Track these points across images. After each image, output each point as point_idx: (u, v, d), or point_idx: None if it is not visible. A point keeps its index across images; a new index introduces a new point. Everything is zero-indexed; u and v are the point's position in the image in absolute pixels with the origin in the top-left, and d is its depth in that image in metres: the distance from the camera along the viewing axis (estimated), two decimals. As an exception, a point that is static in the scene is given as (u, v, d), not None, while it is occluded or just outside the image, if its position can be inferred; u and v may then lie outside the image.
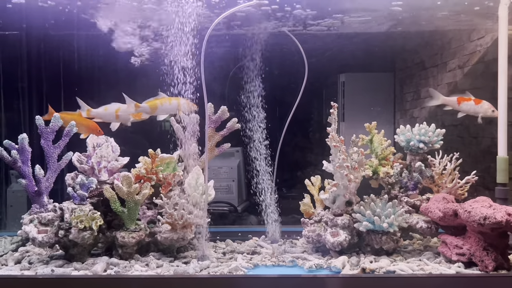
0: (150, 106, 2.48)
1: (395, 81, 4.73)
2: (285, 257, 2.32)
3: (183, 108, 2.44)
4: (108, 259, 2.25)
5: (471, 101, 2.59)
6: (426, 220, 2.40)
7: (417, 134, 2.56)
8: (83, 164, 2.45)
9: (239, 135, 2.73)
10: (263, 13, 2.78)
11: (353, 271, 2.14)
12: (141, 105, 2.51)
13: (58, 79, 3.59)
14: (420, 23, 3.19)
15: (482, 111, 2.66)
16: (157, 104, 2.48)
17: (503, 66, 2.47)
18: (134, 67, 2.89)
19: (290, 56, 3.14)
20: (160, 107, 2.47)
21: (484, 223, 2.03)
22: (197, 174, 2.44)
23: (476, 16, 2.96)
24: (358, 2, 2.72)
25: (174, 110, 2.50)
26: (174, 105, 2.47)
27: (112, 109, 2.59)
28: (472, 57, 3.47)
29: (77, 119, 2.54)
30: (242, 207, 4.07)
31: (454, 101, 2.81)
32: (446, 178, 2.53)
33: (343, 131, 4.54)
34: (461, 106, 2.77)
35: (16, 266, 2.28)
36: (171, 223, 2.32)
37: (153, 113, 2.52)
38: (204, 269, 2.17)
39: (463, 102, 2.76)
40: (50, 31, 3.17)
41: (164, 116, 2.54)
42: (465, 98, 2.77)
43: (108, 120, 2.62)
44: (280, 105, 3.14)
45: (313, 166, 4.37)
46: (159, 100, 2.49)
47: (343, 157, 2.33)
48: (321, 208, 2.55)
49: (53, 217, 2.30)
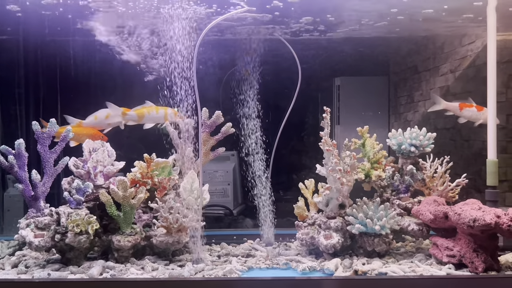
0: (138, 114, 2.52)
1: (390, 85, 4.78)
2: (279, 260, 2.35)
3: (170, 118, 2.48)
4: (104, 262, 2.28)
5: (473, 108, 2.61)
6: (418, 222, 2.43)
7: (409, 138, 2.60)
8: (79, 169, 2.47)
9: (233, 139, 2.76)
10: (261, 19, 2.82)
11: (345, 273, 2.17)
12: (128, 113, 2.54)
13: (54, 85, 3.62)
14: (413, 28, 3.24)
15: (483, 118, 2.67)
16: (144, 112, 2.52)
17: (492, 71, 2.51)
18: (128, 73, 2.93)
19: (286, 61, 3.17)
20: (147, 116, 2.51)
21: (473, 225, 2.07)
22: (192, 178, 2.47)
23: (467, 21, 3.01)
24: (354, 7, 2.75)
25: (160, 120, 2.54)
26: (161, 114, 2.52)
27: (101, 116, 2.60)
28: (463, 61, 3.52)
29: (79, 129, 2.55)
30: (238, 210, 4.10)
31: (456, 107, 2.83)
32: (437, 181, 2.57)
33: (338, 134, 4.57)
34: (463, 112, 2.79)
35: (13, 270, 2.29)
36: (166, 226, 2.35)
37: (140, 121, 2.55)
38: (199, 272, 2.20)
39: (465, 108, 2.78)
40: (47, 37, 3.20)
41: (151, 125, 2.58)
42: (467, 104, 2.79)
43: (101, 127, 2.64)
44: (275, 109, 3.17)
45: (307, 170, 4.40)
46: (147, 109, 2.53)
47: (335, 161, 2.37)
48: (314, 211, 2.59)
49: (50, 221, 2.33)
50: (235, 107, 2.86)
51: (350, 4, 2.71)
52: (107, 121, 2.58)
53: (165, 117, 2.52)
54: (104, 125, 2.60)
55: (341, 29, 3.16)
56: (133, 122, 2.56)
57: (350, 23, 3.04)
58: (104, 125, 2.60)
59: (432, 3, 2.67)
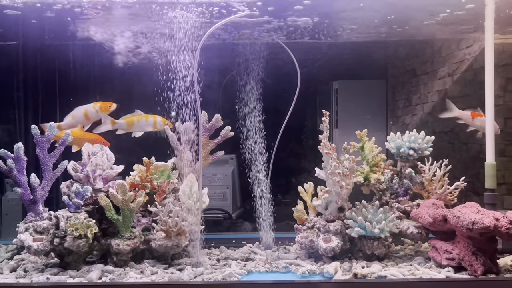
0: (127, 123, 2.54)
1: (388, 88, 4.80)
2: (279, 263, 2.35)
3: (158, 126, 2.51)
4: (103, 266, 2.27)
5: (483, 117, 2.62)
6: (417, 225, 2.44)
7: (407, 141, 2.61)
8: (78, 173, 2.47)
9: (233, 143, 2.77)
10: (263, 23, 2.83)
11: (345, 276, 2.17)
12: (118, 122, 2.56)
13: (53, 88, 3.62)
14: (411, 32, 3.26)
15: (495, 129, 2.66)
16: (133, 120, 2.55)
17: (490, 75, 2.52)
18: (128, 76, 2.93)
19: (285, 65, 3.19)
20: (137, 124, 2.55)
21: (472, 228, 2.08)
22: (191, 181, 2.48)
23: (464, 25, 3.03)
24: (352, 12, 2.77)
25: (150, 127, 2.56)
26: (150, 122, 2.56)
27: (79, 114, 2.59)
28: (461, 65, 3.54)
29: (81, 135, 2.55)
30: (237, 214, 4.09)
31: (468, 116, 2.84)
32: (435, 184, 2.58)
33: (337, 137, 4.58)
34: (474, 121, 2.80)
35: (11, 274, 2.29)
36: (166, 230, 2.34)
37: (129, 129, 2.57)
38: (198, 276, 2.20)
39: (476, 117, 2.79)
40: (46, 41, 3.20)
41: (140, 133, 2.60)
42: (478, 113, 2.80)
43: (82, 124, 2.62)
44: (274, 113, 3.18)
45: (307, 173, 4.41)
46: (136, 117, 2.56)
47: (334, 164, 2.38)
48: (314, 214, 2.59)
49: (49, 225, 2.32)
50: (234, 111, 2.86)
51: (348, 9, 2.72)
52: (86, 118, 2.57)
53: (154, 125, 2.55)
54: (83, 121, 2.59)
55: (340, 33, 3.18)
56: (122, 130, 2.57)
57: (348, 27, 3.05)
58: (83, 121, 2.59)
59: (429, 7, 2.69)
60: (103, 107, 2.56)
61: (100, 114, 2.55)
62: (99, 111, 2.55)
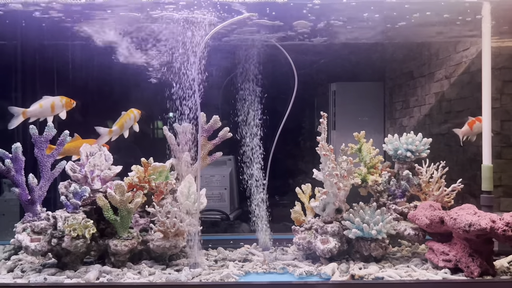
0: (119, 127, 2.61)
1: (385, 90, 4.82)
2: (276, 264, 2.36)
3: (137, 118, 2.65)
4: (100, 267, 2.27)
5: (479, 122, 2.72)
6: (414, 227, 2.45)
7: (405, 143, 2.62)
8: (76, 173, 2.47)
9: (231, 144, 2.77)
10: (262, 26, 2.84)
11: (342, 277, 2.18)
12: (113, 129, 2.61)
13: (52, 87, 3.61)
14: (409, 34, 3.27)
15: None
16: (122, 122, 2.62)
17: (487, 77, 2.54)
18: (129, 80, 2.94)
19: (282, 66, 3.19)
20: (125, 124, 2.65)
21: (469, 230, 2.09)
22: (189, 182, 2.48)
23: (461, 28, 3.04)
24: (350, 14, 2.78)
25: (132, 122, 2.67)
26: (132, 118, 2.66)
27: (47, 104, 2.60)
28: (458, 67, 3.56)
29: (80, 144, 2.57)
30: (234, 215, 4.10)
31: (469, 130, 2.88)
32: (433, 186, 2.59)
33: (334, 139, 4.60)
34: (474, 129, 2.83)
35: (8, 275, 2.28)
36: (164, 231, 2.35)
37: (122, 131, 2.64)
38: (196, 277, 2.20)
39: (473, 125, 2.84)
40: (44, 41, 3.20)
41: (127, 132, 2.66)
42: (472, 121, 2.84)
43: (44, 115, 2.62)
44: (272, 114, 3.19)
45: (304, 174, 4.42)
46: (123, 118, 2.64)
47: (332, 166, 2.38)
48: (311, 215, 2.59)
49: (46, 226, 2.32)
50: (233, 112, 2.87)
51: (346, 12, 2.73)
52: (51, 109, 2.60)
53: (135, 119, 2.67)
54: (48, 113, 2.61)
55: (337, 35, 3.19)
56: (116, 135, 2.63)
57: (345, 29, 3.07)
58: (48, 113, 2.61)
59: (427, 10, 2.71)
60: (67, 103, 2.62)
61: (64, 109, 2.61)
62: (64, 106, 2.60)
